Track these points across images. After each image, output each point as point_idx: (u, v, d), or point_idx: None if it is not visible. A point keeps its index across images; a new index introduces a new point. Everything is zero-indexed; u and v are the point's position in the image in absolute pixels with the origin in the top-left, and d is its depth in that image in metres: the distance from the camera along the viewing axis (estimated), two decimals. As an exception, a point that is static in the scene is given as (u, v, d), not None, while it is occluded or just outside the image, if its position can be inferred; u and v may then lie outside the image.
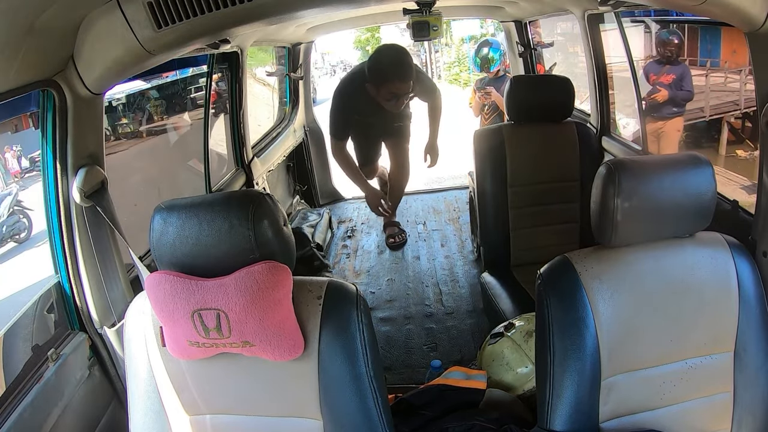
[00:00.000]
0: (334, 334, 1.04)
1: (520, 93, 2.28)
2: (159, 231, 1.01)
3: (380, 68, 2.89)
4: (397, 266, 3.25)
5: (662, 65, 3.71)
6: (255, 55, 4.73)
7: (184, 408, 1.12)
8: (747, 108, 3.42)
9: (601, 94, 2.67)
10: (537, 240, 2.28)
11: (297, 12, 1.52)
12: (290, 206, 3.91)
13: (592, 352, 1.14)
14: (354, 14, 3.37)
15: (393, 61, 2.89)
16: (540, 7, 2.97)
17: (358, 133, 3.33)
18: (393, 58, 2.91)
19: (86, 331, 1.45)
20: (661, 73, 3.68)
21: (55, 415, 1.30)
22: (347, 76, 3.24)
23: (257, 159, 3.11)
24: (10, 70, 1.09)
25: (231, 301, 0.98)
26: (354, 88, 3.07)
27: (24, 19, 1.04)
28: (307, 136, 4.14)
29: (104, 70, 1.30)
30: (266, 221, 1.00)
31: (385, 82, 2.88)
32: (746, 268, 1.19)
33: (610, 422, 1.18)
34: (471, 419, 1.49)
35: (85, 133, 1.36)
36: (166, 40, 1.27)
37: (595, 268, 1.16)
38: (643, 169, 1.13)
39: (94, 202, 1.36)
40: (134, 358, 1.13)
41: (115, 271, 1.46)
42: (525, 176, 2.23)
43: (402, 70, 2.89)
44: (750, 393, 1.20)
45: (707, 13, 1.26)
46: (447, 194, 4.28)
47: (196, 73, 3.86)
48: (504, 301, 2.08)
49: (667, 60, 3.68)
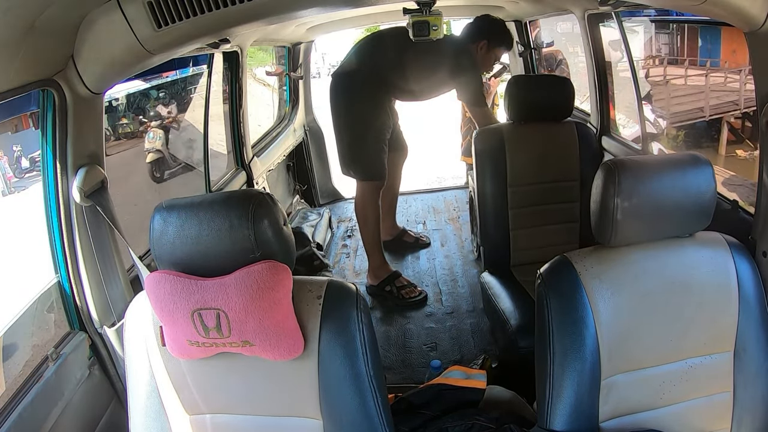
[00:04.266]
0: (334, 333, 1.04)
1: (520, 93, 2.28)
2: (159, 230, 1.01)
3: (506, 30, 2.85)
4: (396, 266, 3.24)
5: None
6: (255, 55, 4.73)
7: (184, 407, 1.12)
8: (747, 108, 3.41)
9: (600, 94, 2.67)
10: (537, 240, 2.28)
11: (297, 12, 1.52)
12: (290, 206, 3.91)
13: (591, 351, 1.14)
14: (354, 14, 3.37)
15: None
16: (540, 6, 2.97)
17: (379, 139, 2.77)
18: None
19: (86, 330, 1.45)
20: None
21: (55, 414, 1.30)
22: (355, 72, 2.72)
23: (257, 158, 3.11)
24: (10, 69, 1.09)
25: (231, 301, 0.98)
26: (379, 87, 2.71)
27: (24, 19, 1.04)
28: (307, 136, 4.14)
29: (104, 70, 1.30)
30: (266, 221, 1.00)
31: (503, 45, 2.84)
32: (746, 268, 1.19)
33: (610, 422, 1.18)
34: (471, 419, 1.49)
35: (85, 132, 1.36)
36: (166, 40, 1.27)
37: (595, 268, 1.16)
38: (643, 169, 1.13)
39: (94, 201, 1.36)
40: (134, 358, 1.13)
41: (115, 270, 1.46)
42: (525, 176, 2.23)
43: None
44: (750, 393, 1.20)
45: (707, 13, 1.26)
46: (447, 194, 4.28)
47: (196, 72, 3.88)
48: (504, 301, 2.08)
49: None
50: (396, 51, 2.67)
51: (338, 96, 2.75)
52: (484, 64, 2.85)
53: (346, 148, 2.79)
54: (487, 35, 2.78)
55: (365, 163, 2.76)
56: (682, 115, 3.83)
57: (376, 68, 2.71)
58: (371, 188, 2.80)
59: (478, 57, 2.77)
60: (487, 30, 2.81)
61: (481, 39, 2.77)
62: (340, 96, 2.75)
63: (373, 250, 2.90)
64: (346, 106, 2.73)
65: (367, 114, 2.71)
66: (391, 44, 2.70)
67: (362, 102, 2.71)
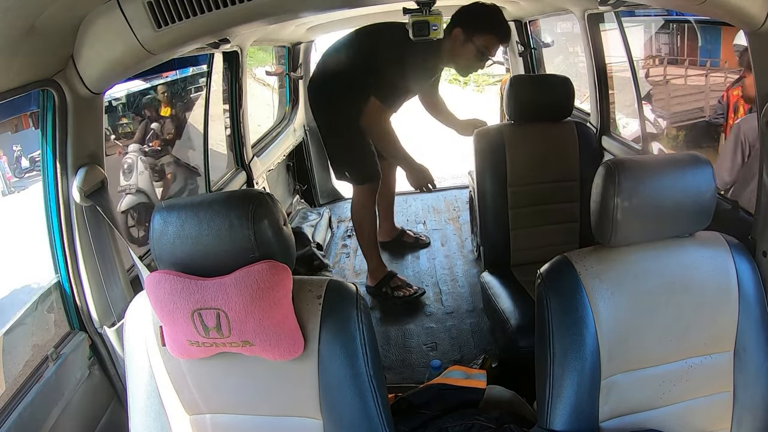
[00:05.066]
0: (334, 333, 1.04)
1: (520, 93, 2.28)
2: (159, 230, 1.01)
3: (494, 15, 2.39)
4: (396, 266, 3.24)
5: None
6: (255, 55, 4.73)
7: (184, 407, 1.12)
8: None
9: (600, 94, 2.67)
10: (537, 240, 2.28)
11: (297, 12, 1.52)
12: (290, 206, 3.91)
13: (591, 351, 1.14)
14: (354, 14, 3.36)
15: (503, 18, 2.45)
16: (540, 6, 2.97)
17: (366, 140, 2.65)
18: (502, 15, 2.44)
19: (86, 330, 1.45)
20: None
21: (55, 414, 1.30)
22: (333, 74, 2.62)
23: (257, 158, 3.11)
24: (10, 69, 1.09)
25: (231, 301, 0.98)
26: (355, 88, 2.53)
27: (24, 19, 1.04)
28: (307, 136, 4.14)
29: (104, 70, 1.30)
30: (266, 221, 1.00)
31: (492, 32, 2.38)
32: (746, 268, 1.19)
33: (610, 422, 1.18)
34: (471, 418, 1.49)
35: (85, 132, 1.36)
36: (166, 40, 1.27)
37: (594, 268, 1.16)
38: (643, 169, 1.13)
39: (94, 201, 1.36)
40: (134, 358, 1.13)
41: (115, 270, 1.46)
42: (525, 176, 2.23)
43: (508, 28, 2.46)
44: (750, 392, 1.20)
45: (707, 13, 1.26)
46: (447, 194, 4.27)
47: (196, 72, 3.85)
48: (504, 301, 2.08)
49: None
50: (370, 51, 2.52)
51: (319, 101, 2.73)
52: (464, 57, 2.44)
53: (336, 154, 2.77)
54: (458, 22, 2.40)
55: (357, 166, 2.71)
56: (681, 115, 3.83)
57: (350, 69, 2.57)
58: (367, 191, 2.76)
59: (454, 48, 2.42)
60: (460, 15, 2.42)
61: (453, 27, 2.41)
62: (321, 101, 2.72)
63: (370, 253, 2.88)
64: (329, 111, 2.69)
65: (351, 116, 2.58)
66: (365, 43, 2.58)
67: (343, 104, 2.60)
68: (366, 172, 2.72)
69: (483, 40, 2.39)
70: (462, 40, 2.40)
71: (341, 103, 2.61)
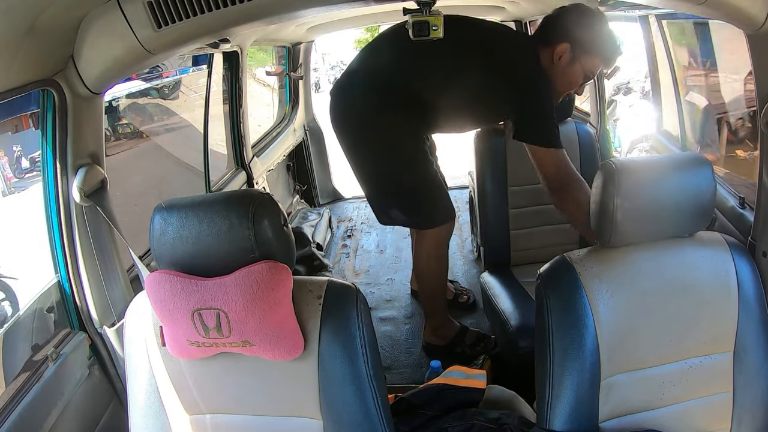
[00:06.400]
0: (334, 333, 1.05)
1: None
2: (159, 230, 1.02)
3: (611, 35, 1.83)
4: (397, 266, 3.24)
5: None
6: (255, 55, 4.73)
7: (184, 407, 1.12)
8: (746, 108, 3.41)
9: (601, 94, 2.67)
10: (537, 240, 2.29)
11: (297, 12, 1.52)
12: (290, 206, 3.91)
13: (591, 351, 1.14)
14: (354, 14, 3.37)
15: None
16: (541, 6, 2.96)
17: (431, 170, 2.10)
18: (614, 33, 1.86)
19: (86, 330, 1.45)
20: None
21: (55, 414, 1.30)
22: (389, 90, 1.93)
23: (257, 158, 3.11)
24: (10, 69, 1.09)
25: (231, 301, 0.98)
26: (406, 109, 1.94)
27: (24, 19, 1.04)
28: (307, 136, 4.14)
29: (104, 70, 1.30)
30: (266, 221, 1.00)
31: (607, 55, 1.85)
32: (746, 268, 1.19)
33: (610, 422, 1.18)
34: (471, 418, 1.49)
35: (85, 132, 1.36)
36: (166, 40, 1.27)
37: (594, 268, 1.16)
38: (642, 169, 1.13)
39: (94, 201, 1.36)
40: (134, 358, 1.13)
41: (115, 270, 1.46)
42: (525, 176, 2.23)
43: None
44: (749, 393, 1.20)
45: (707, 14, 1.26)
46: None
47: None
48: (504, 301, 2.08)
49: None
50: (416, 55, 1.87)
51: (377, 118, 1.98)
52: (564, 82, 1.89)
53: (396, 191, 2.06)
54: (566, 36, 1.82)
55: (432, 204, 2.08)
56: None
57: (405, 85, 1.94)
58: (442, 233, 2.12)
59: (555, 70, 1.87)
60: (568, 27, 1.82)
61: (559, 40, 1.84)
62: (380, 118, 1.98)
63: (436, 309, 2.28)
64: (395, 131, 1.99)
65: (408, 145, 2.00)
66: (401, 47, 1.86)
67: (396, 131, 1.98)
68: (442, 209, 2.10)
69: (592, 64, 1.86)
70: (568, 60, 1.85)
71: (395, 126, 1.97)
